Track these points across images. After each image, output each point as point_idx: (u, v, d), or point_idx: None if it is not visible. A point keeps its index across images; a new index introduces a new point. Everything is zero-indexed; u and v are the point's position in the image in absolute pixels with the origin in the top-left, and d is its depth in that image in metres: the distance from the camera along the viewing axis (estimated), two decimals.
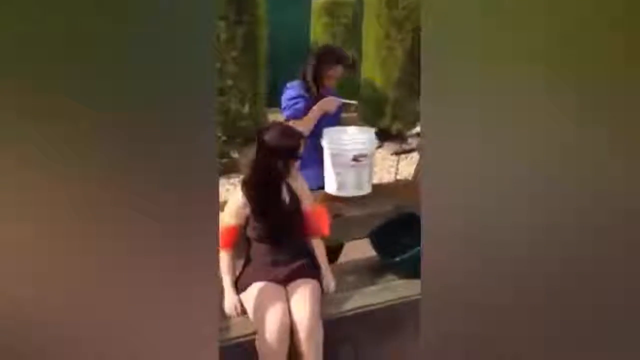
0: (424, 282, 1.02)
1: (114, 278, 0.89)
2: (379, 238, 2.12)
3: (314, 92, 2.22)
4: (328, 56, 2.22)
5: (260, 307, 1.70)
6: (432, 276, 0.99)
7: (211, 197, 0.95)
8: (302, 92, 2.22)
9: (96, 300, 0.88)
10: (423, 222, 1.01)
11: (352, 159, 2.11)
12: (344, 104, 2.31)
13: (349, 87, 6.81)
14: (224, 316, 1.80)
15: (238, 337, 1.73)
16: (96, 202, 0.86)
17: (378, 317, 1.90)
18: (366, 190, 2.24)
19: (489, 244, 0.94)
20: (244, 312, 1.80)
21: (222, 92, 4.49)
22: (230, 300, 1.82)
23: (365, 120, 6.18)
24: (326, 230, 1.95)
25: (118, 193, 0.87)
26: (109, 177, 0.86)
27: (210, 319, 0.96)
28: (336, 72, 2.21)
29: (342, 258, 2.48)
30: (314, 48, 6.18)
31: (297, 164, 1.90)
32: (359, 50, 6.58)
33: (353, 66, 2.26)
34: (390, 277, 2.06)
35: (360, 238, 2.19)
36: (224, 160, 4.46)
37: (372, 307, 1.90)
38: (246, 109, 4.52)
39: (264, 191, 1.84)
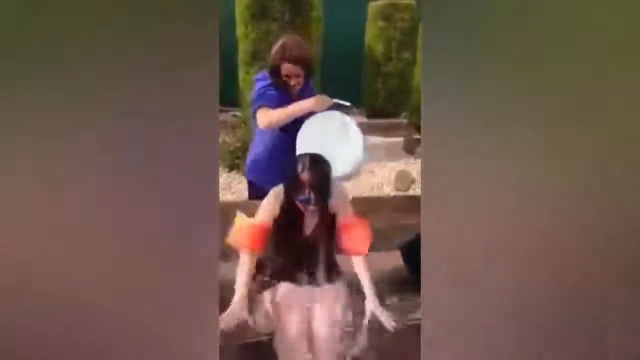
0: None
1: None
2: (409, 252, 2.04)
3: (286, 89, 2.00)
4: (276, 53, 1.97)
5: (280, 309, 1.67)
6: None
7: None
8: (272, 82, 1.99)
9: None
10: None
11: None
12: (336, 105, 1.95)
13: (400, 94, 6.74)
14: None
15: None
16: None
17: None
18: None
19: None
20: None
21: None
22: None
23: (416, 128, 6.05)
24: (364, 249, 1.71)
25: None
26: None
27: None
28: (288, 71, 1.96)
29: None
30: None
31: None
32: (414, 55, 6.46)
33: (304, 65, 1.95)
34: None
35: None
36: None
37: None
38: None
39: (289, 189, 1.68)
